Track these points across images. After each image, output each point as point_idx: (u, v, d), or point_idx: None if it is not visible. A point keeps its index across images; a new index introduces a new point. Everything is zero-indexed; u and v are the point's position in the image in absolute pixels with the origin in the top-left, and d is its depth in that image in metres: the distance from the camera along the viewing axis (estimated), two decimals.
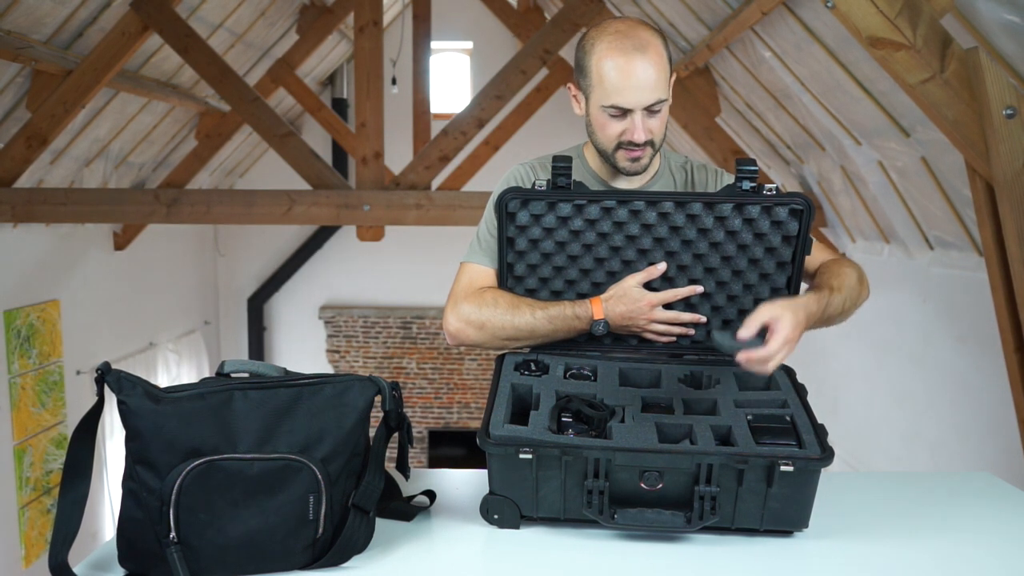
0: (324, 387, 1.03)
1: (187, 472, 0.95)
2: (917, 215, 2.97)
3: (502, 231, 1.33)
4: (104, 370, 0.97)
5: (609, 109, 1.28)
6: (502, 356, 1.33)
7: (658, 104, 1.27)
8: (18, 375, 4.69)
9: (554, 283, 1.36)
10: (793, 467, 1.04)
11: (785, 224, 1.29)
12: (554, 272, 1.35)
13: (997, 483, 1.33)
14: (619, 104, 1.26)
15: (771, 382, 1.27)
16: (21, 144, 3.83)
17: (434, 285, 7.95)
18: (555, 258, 1.34)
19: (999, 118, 1.80)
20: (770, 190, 1.27)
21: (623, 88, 1.25)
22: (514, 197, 1.30)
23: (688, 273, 1.33)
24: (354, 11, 4.04)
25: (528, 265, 1.35)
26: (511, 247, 1.34)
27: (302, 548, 1.00)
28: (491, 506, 1.10)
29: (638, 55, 1.25)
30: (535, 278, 1.36)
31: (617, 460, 1.05)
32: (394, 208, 3.91)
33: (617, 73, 1.25)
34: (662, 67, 1.26)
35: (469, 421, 8.20)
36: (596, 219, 1.31)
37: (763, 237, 1.30)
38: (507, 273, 1.36)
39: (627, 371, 1.29)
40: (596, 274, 1.35)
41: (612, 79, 1.26)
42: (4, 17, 3.34)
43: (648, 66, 1.25)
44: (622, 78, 1.25)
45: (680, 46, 4.05)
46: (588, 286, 1.36)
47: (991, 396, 2.65)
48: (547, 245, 1.33)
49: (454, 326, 1.34)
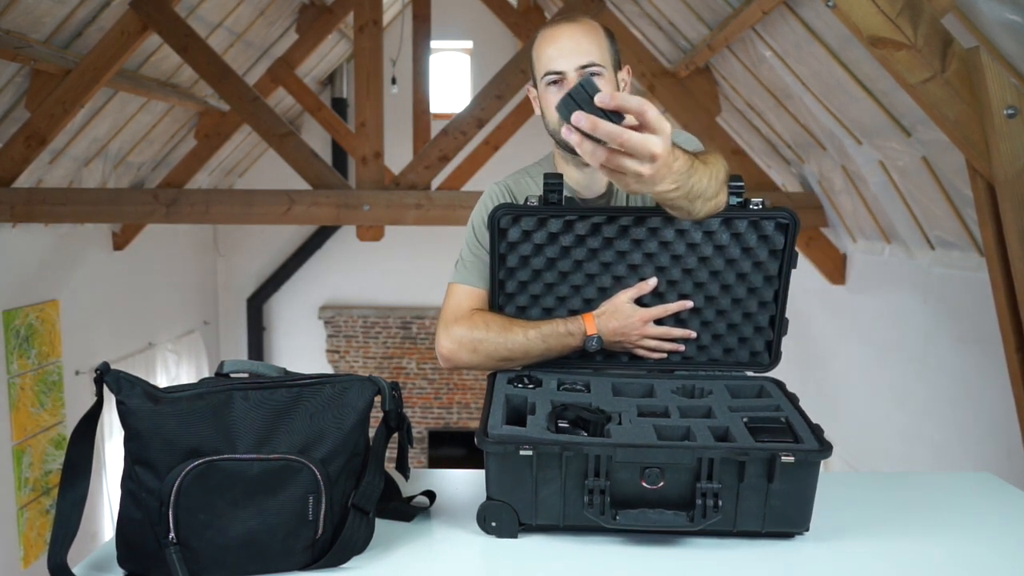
0: (324, 387, 1.03)
1: (186, 472, 0.95)
2: (918, 215, 2.97)
3: (494, 248, 1.34)
4: (103, 370, 0.97)
5: (548, 78, 1.33)
6: (494, 373, 1.34)
7: (593, 67, 1.31)
8: (17, 375, 4.69)
9: (545, 300, 1.38)
10: (794, 458, 1.04)
11: (771, 238, 1.31)
12: (545, 289, 1.37)
13: (998, 483, 1.33)
14: (552, 68, 1.32)
15: (762, 391, 1.28)
16: (20, 144, 3.83)
17: (434, 285, 7.91)
18: (546, 275, 1.36)
19: (1000, 118, 1.80)
20: (757, 205, 1.30)
21: (554, 55, 1.32)
22: (506, 213, 1.32)
23: (678, 288, 1.36)
24: (354, 10, 4.03)
25: (519, 282, 1.37)
26: (502, 264, 1.36)
27: (302, 548, 1.00)
28: (488, 513, 1.09)
29: (567, 24, 1.34)
30: (526, 295, 1.38)
31: (618, 456, 1.05)
32: (394, 208, 3.91)
33: (549, 43, 1.34)
34: (595, 37, 1.33)
35: (469, 421, 8.20)
36: (586, 235, 1.33)
37: (750, 251, 1.32)
38: (498, 290, 1.37)
39: (620, 385, 1.30)
40: (587, 290, 1.37)
41: (546, 51, 1.34)
42: (3, 16, 3.34)
43: (577, 32, 1.33)
44: (553, 45, 1.33)
45: (680, 46, 4.05)
46: (579, 302, 1.38)
47: (992, 396, 2.65)
48: (538, 262, 1.35)
49: (447, 348, 1.35)
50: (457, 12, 7.31)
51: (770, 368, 1.39)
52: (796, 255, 1.34)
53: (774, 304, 1.35)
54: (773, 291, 1.35)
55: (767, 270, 1.33)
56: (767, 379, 1.34)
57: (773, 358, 1.39)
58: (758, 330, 1.37)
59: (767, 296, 1.35)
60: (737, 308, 1.36)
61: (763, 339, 1.38)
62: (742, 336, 1.38)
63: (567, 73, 1.32)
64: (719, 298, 1.35)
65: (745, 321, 1.37)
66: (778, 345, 1.38)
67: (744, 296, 1.35)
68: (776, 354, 1.39)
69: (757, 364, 1.39)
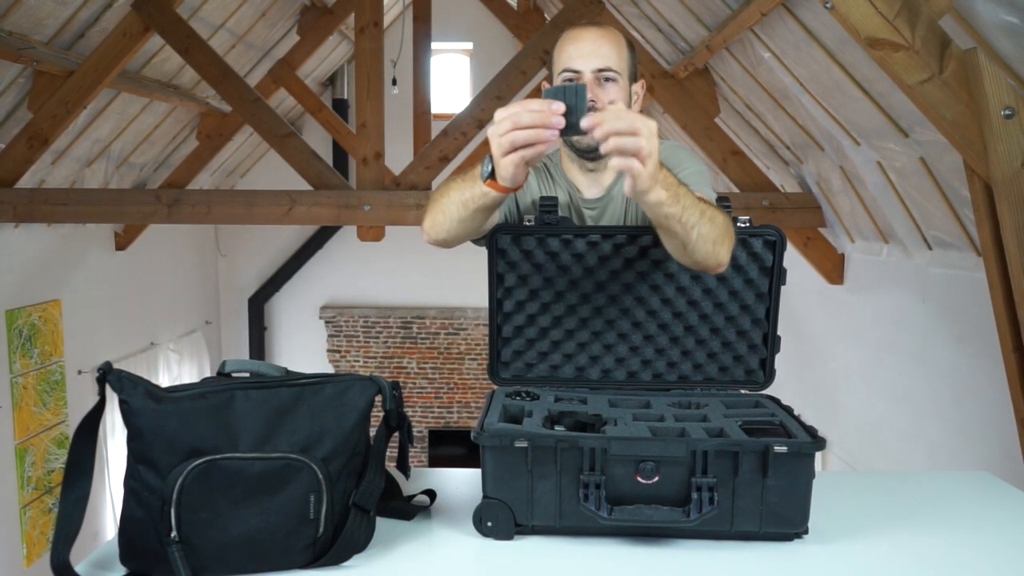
0: (325, 387, 1.03)
1: (188, 471, 0.95)
2: (916, 215, 2.97)
3: (492, 267, 1.36)
4: (105, 370, 0.98)
5: (564, 75, 1.35)
6: (492, 391, 1.35)
7: (608, 72, 1.33)
8: (20, 375, 4.70)
9: (542, 319, 1.39)
10: (787, 448, 1.05)
11: (761, 256, 1.33)
12: (541, 309, 1.39)
13: (996, 483, 1.34)
14: (570, 67, 1.34)
15: (757, 404, 1.30)
16: (23, 144, 3.83)
17: (434, 285, 7.97)
18: (542, 294, 1.38)
19: (997, 118, 1.81)
20: (744, 222, 1.31)
21: (574, 54, 1.35)
22: (505, 233, 1.34)
23: (672, 307, 1.37)
24: (355, 12, 4.04)
25: (516, 302, 1.38)
26: (500, 283, 1.38)
27: (303, 547, 1.00)
28: (485, 512, 1.10)
29: (592, 27, 1.37)
30: (523, 315, 1.39)
31: (613, 450, 1.06)
32: (394, 208, 3.91)
33: (571, 42, 1.36)
34: (616, 45, 1.35)
35: (469, 421, 8.20)
36: (582, 253, 1.35)
37: (741, 269, 1.34)
38: (496, 310, 1.39)
39: (616, 400, 1.32)
40: (582, 310, 1.38)
41: (567, 49, 1.36)
42: (6, 18, 3.35)
43: (600, 37, 1.35)
44: (574, 45, 1.36)
45: (679, 47, 4.06)
46: (575, 322, 1.39)
47: (990, 396, 2.65)
48: (535, 281, 1.37)
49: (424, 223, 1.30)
50: (457, 13, 7.31)
51: (765, 386, 1.40)
52: (785, 272, 1.35)
53: (766, 322, 1.37)
54: (765, 308, 1.37)
55: (758, 287, 1.35)
56: (763, 396, 1.35)
57: (768, 376, 1.40)
58: (752, 348, 1.39)
59: (759, 313, 1.37)
60: (731, 326, 1.38)
61: (757, 357, 1.39)
62: (737, 354, 1.39)
63: (584, 74, 1.33)
64: (712, 316, 1.37)
65: (739, 339, 1.38)
66: (772, 363, 1.40)
67: (737, 314, 1.37)
68: (771, 372, 1.40)
69: (752, 382, 1.40)
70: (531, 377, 1.42)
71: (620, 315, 1.39)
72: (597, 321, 1.39)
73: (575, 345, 1.41)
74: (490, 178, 1.10)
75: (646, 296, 1.37)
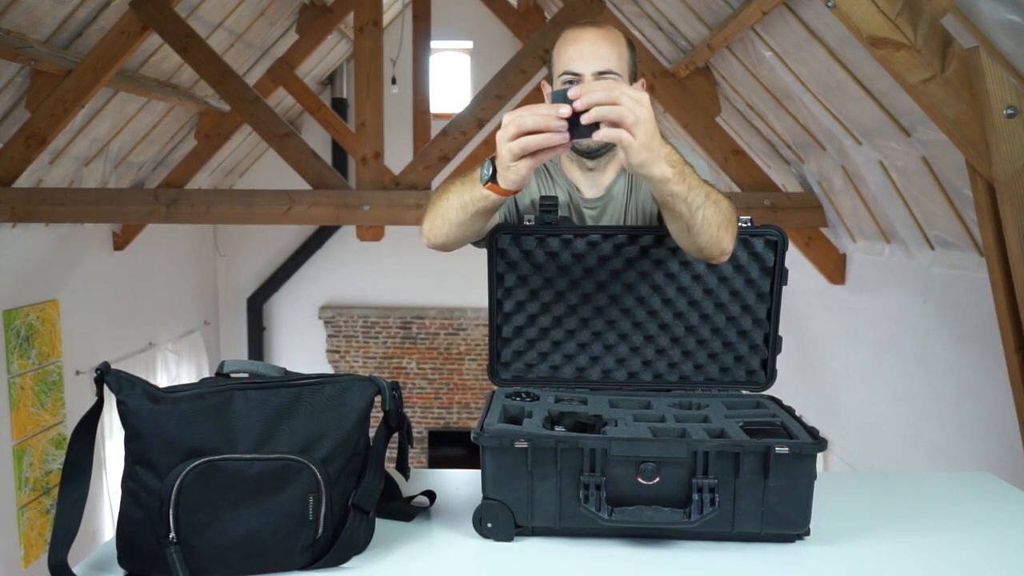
0: (324, 387, 1.03)
1: (187, 472, 0.95)
2: (918, 215, 2.97)
3: (492, 267, 1.35)
4: (103, 370, 0.97)
5: (564, 78, 1.34)
6: (492, 391, 1.34)
7: (609, 74, 1.32)
8: (17, 375, 4.69)
9: (542, 320, 1.39)
10: (788, 449, 1.05)
11: (762, 256, 1.33)
12: (542, 309, 1.38)
13: (998, 483, 1.33)
14: (570, 69, 1.33)
15: (759, 405, 1.29)
16: (20, 144, 3.83)
17: (434, 285, 7.96)
18: (542, 294, 1.37)
19: (1000, 118, 1.80)
20: (745, 222, 1.30)
21: (574, 56, 1.34)
22: (505, 233, 1.34)
23: (673, 307, 1.37)
24: (354, 11, 4.04)
25: (516, 302, 1.38)
26: (500, 284, 1.37)
27: (302, 548, 1.00)
28: (485, 513, 1.09)
29: (592, 28, 1.36)
30: (523, 315, 1.39)
31: (613, 450, 1.06)
32: (394, 208, 3.91)
33: (570, 44, 1.35)
34: (616, 46, 1.35)
35: (469, 421, 8.20)
36: (583, 253, 1.34)
37: (742, 269, 1.34)
38: (496, 310, 1.38)
39: (617, 401, 1.31)
40: (582, 310, 1.38)
41: (567, 51, 1.35)
42: (3, 16, 3.34)
43: (599, 38, 1.34)
44: (574, 47, 1.34)
45: (680, 46, 4.05)
46: (575, 323, 1.39)
47: (992, 396, 2.65)
48: (535, 281, 1.36)
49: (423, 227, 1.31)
50: (457, 12, 7.31)
51: (767, 387, 1.39)
52: (786, 272, 1.35)
53: (768, 322, 1.36)
54: (766, 309, 1.36)
55: (759, 287, 1.35)
56: (764, 396, 1.35)
57: (769, 376, 1.39)
58: (753, 348, 1.38)
59: (760, 314, 1.36)
60: (732, 326, 1.37)
61: (759, 357, 1.39)
62: (738, 355, 1.39)
63: (584, 76, 1.32)
64: (713, 316, 1.36)
65: (740, 340, 1.38)
66: (773, 363, 1.39)
67: (738, 314, 1.36)
68: (772, 372, 1.39)
69: (754, 383, 1.39)
70: (531, 378, 1.41)
71: (621, 315, 1.38)
72: (597, 321, 1.38)
73: (575, 345, 1.40)
74: (491, 181, 1.10)
75: (647, 296, 1.37)
